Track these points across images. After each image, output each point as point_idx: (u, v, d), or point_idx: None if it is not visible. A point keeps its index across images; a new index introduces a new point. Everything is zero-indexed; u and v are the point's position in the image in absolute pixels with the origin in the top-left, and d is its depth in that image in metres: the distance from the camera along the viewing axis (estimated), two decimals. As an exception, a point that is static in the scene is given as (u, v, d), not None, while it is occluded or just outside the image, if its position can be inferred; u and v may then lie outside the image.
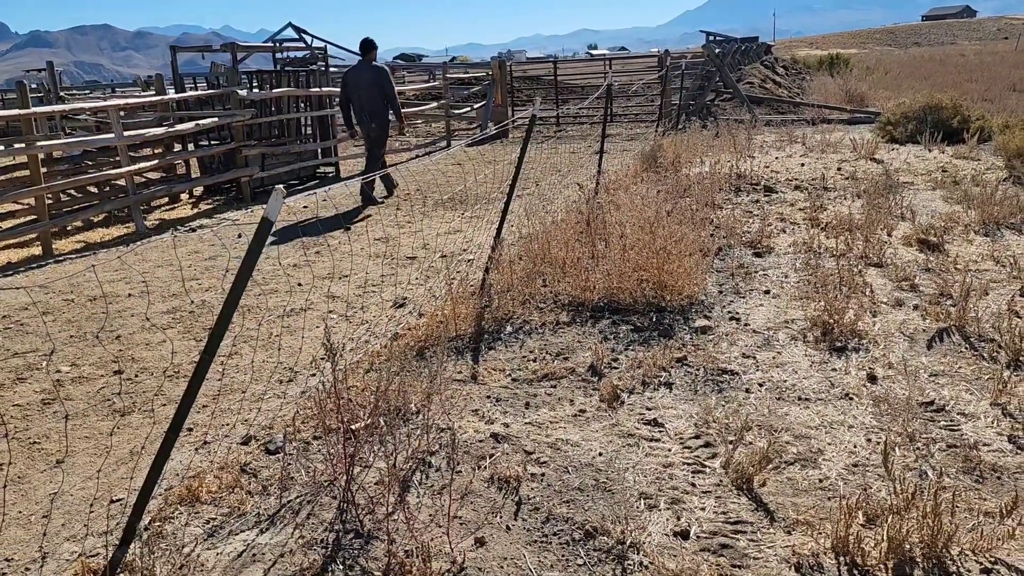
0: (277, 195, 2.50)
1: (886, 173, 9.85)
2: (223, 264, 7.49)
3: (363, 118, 10.27)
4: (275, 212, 2.53)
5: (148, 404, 4.45)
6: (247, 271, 2.61)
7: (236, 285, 2.63)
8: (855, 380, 4.24)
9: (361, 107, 10.21)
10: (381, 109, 10.26)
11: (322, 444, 3.81)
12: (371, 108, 10.19)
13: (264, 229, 2.56)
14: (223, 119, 10.29)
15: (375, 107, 10.20)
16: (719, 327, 5.12)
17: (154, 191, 9.89)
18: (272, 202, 2.51)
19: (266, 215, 2.53)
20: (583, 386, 4.36)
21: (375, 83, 10.13)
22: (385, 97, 10.22)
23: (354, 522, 3.13)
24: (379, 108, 10.24)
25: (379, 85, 10.13)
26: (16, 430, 4.17)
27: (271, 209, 2.51)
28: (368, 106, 10.18)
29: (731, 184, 9.84)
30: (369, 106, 10.18)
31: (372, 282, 6.66)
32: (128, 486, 3.49)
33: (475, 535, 3.01)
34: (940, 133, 12.74)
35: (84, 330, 5.77)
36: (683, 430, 3.78)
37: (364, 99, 10.17)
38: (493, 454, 3.61)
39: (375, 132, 10.34)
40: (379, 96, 10.16)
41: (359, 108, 10.23)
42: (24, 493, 3.52)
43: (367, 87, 10.13)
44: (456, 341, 5.06)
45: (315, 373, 4.80)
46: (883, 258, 6.34)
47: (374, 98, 10.15)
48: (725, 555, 2.83)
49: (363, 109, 10.21)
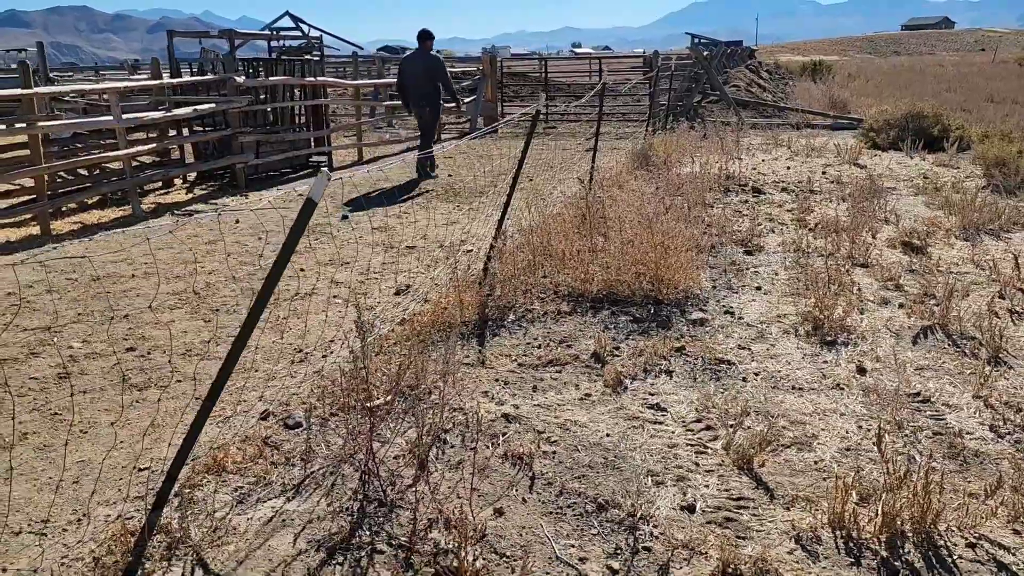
0: (322, 177, 2.65)
1: (870, 178, 10.13)
2: (223, 248, 7.59)
3: (417, 102, 11.28)
4: (319, 194, 2.68)
5: (163, 380, 4.57)
6: (289, 249, 2.75)
7: (279, 262, 2.77)
8: (845, 372, 4.46)
9: (415, 92, 11.23)
10: (432, 94, 11.27)
11: (339, 421, 3.95)
12: (423, 93, 11.19)
13: (308, 210, 2.70)
14: (220, 105, 10.34)
15: (427, 92, 11.19)
16: (715, 320, 5.32)
17: (151, 175, 9.94)
18: (316, 184, 2.65)
19: (310, 196, 2.68)
20: (587, 372, 4.54)
21: (428, 70, 11.15)
22: (436, 84, 11.24)
23: (377, 492, 3.29)
24: (431, 93, 11.23)
25: (431, 73, 11.16)
26: (36, 402, 4.27)
27: (315, 190, 2.66)
28: (421, 91, 11.18)
29: (720, 184, 10.07)
30: (422, 91, 11.18)
31: (374, 270, 6.80)
32: (152, 456, 3.62)
33: (494, 506, 3.18)
34: (921, 141, 13.08)
35: (91, 308, 5.86)
36: (685, 414, 3.97)
37: (418, 85, 11.17)
38: (506, 433, 3.78)
39: (428, 115, 11.37)
40: (431, 82, 11.16)
41: (413, 93, 11.26)
42: (52, 460, 3.64)
43: (421, 74, 11.15)
44: (462, 327, 5.22)
45: (325, 354, 4.94)
46: (869, 259, 6.58)
47: (426, 84, 11.15)
48: (730, 528, 3.02)
49: (417, 94, 11.23)
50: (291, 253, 2.78)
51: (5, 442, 3.80)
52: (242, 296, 6.14)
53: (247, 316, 2.88)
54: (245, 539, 2.99)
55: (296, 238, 2.75)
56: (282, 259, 2.78)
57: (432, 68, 11.24)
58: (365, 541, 2.98)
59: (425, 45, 11.37)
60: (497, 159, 13.09)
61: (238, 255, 7.36)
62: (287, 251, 2.76)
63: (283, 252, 2.76)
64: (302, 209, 2.71)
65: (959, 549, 2.89)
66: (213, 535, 3.01)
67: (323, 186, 2.66)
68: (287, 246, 2.76)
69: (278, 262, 2.78)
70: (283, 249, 2.76)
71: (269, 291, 2.84)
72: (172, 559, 2.86)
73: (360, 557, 2.89)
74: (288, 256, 2.78)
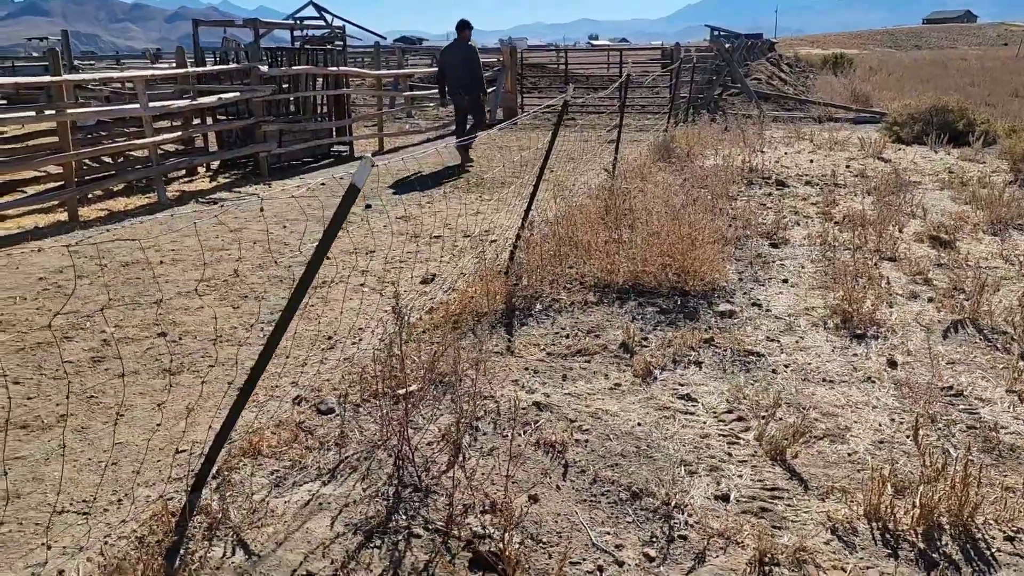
0: (366, 163, 2.66)
1: (895, 172, 10.05)
2: (249, 236, 7.64)
3: (455, 91, 11.65)
4: (363, 179, 2.69)
5: (195, 365, 4.62)
6: (331, 235, 2.77)
7: (321, 248, 2.79)
8: (876, 365, 4.44)
9: (453, 82, 11.60)
10: (470, 83, 11.61)
11: (371, 407, 3.98)
12: (462, 82, 11.54)
13: (351, 195, 2.72)
14: (245, 94, 10.39)
15: (465, 82, 11.53)
16: (742, 312, 5.31)
17: (176, 163, 10.00)
18: (360, 170, 2.67)
19: (353, 182, 2.69)
20: (616, 362, 4.55)
21: (466, 61, 11.52)
22: (475, 73, 11.59)
23: (412, 478, 3.31)
24: (468, 82, 11.59)
25: (469, 63, 11.53)
26: (72, 385, 4.32)
27: (359, 176, 2.67)
28: (459, 80, 11.53)
29: (744, 177, 10.02)
30: (460, 81, 11.53)
31: (399, 259, 6.82)
32: (189, 439, 3.66)
33: (528, 493, 3.20)
34: (946, 135, 12.96)
35: (121, 294, 5.92)
36: (716, 405, 3.97)
37: (456, 75, 11.55)
38: (537, 421, 3.80)
39: (468, 102, 11.75)
40: (468, 72, 11.52)
41: (452, 83, 11.62)
42: (90, 442, 3.69)
43: (459, 64, 11.52)
44: (489, 317, 5.24)
45: (355, 341, 4.97)
46: (896, 253, 6.54)
47: (464, 74, 11.51)
48: (765, 518, 3.03)
49: (455, 83, 11.60)
50: (333, 239, 2.80)
51: (44, 424, 3.86)
52: (269, 283, 6.18)
53: (288, 302, 2.91)
54: (283, 521, 3.03)
55: (339, 223, 2.77)
56: (324, 245, 2.80)
57: (468, 58, 11.57)
58: (402, 525, 3.01)
59: (463, 35, 11.72)
60: (517, 151, 13.09)
61: (264, 243, 7.41)
62: (329, 237, 2.78)
63: (325, 238, 2.79)
64: (345, 195, 2.73)
65: (997, 542, 2.88)
66: (252, 517, 3.04)
67: (367, 172, 2.67)
68: (329, 232, 2.78)
69: (320, 248, 2.80)
70: (325, 235, 2.78)
71: (310, 277, 2.86)
72: (213, 539, 2.90)
73: (397, 541, 2.92)
74: (330, 242, 2.80)
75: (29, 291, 5.95)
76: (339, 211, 2.74)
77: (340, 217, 2.74)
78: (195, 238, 7.60)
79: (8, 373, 4.46)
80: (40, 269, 6.55)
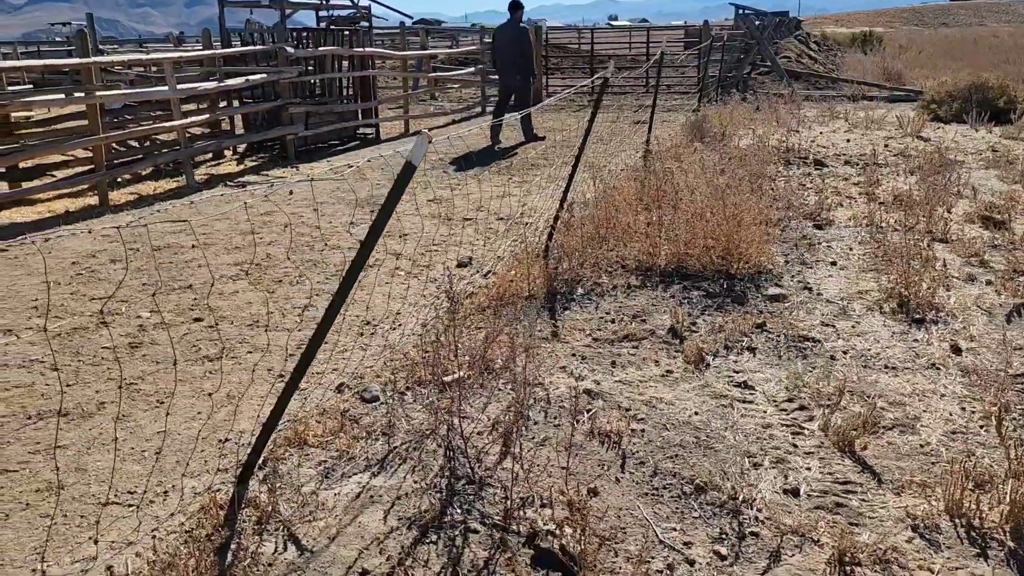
0: (423, 139, 2.52)
1: (938, 151, 9.75)
2: (280, 219, 7.53)
3: (507, 70, 11.78)
4: (419, 157, 2.55)
5: (234, 351, 4.51)
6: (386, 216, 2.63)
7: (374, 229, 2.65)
8: (939, 351, 4.26)
9: (504, 61, 11.75)
10: (521, 62, 11.73)
11: (416, 395, 3.86)
12: (512, 62, 11.65)
13: (407, 173, 2.58)
14: (272, 76, 10.27)
15: (515, 61, 11.65)
16: (793, 296, 5.13)
17: (204, 145, 9.91)
18: (417, 147, 2.52)
19: (409, 160, 2.55)
20: (665, 347, 4.40)
21: (515, 41, 11.67)
22: (525, 52, 11.74)
23: (464, 469, 3.19)
24: (519, 62, 11.70)
25: (519, 43, 11.68)
26: (110, 372, 4.24)
27: (415, 153, 2.53)
28: (510, 60, 11.65)
29: (780, 157, 9.78)
30: (510, 60, 11.65)
31: (433, 242, 6.68)
32: (233, 428, 3.56)
33: (587, 486, 3.06)
34: (987, 113, 12.60)
35: (155, 278, 5.83)
36: (774, 393, 3.81)
37: (507, 54, 11.67)
38: (590, 409, 3.66)
39: (518, 82, 11.77)
40: (518, 52, 11.65)
41: (503, 62, 11.78)
42: (132, 431, 3.59)
43: (509, 43, 11.67)
44: (530, 301, 5.09)
45: (394, 326, 4.85)
46: (948, 234, 6.32)
47: (515, 54, 11.62)
48: (841, 513, 2.88)
49: (506, 63, 11.74)
50: (387, 220, 2.66)
51: (85, 411, 3.77)
52: (304, 267, 6.07)
53: (339, 287, 2.78)
54: (334, 515, 2.92)
55: (394, 203, 2.63)
56: (378, 226, 2.66)
57: (519, 39, 11.74)
58: (457, 519, 2.88)
59: (515, 16, 11.75)
60: (545, 133, 12.89)
61: (296, 226, 7.30)
62: (383, 217, 2.64)
63: (379, 219, 2.65)
64: (401, 172, 2.59)
65: (1090, 541, 2.71)
66: (302, 510, 2.93)
67: (424, 149, 2.53)
68: (383, 212, 2.64)
69: (374, 229, 2.66)
70: (379, 216, 2.64)
71: (363, 260, 2.73)
72: (263, 534, 2.79)
73: (454, 536, 2.80)
74: (384, 224, 2.67)
75: (63, 276, 5.88)
76: (394, 190, 2.60)
77: (395, 197, 2.61)
78: (225, 222, 7.50)
79: (45, 359, 4.38)
80: (72, 253, 6.48)
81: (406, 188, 2.61)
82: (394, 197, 2.62)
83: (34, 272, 5.99)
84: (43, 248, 6.65)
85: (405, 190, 2.63)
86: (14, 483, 3.16)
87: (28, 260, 6.31)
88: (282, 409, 2.97)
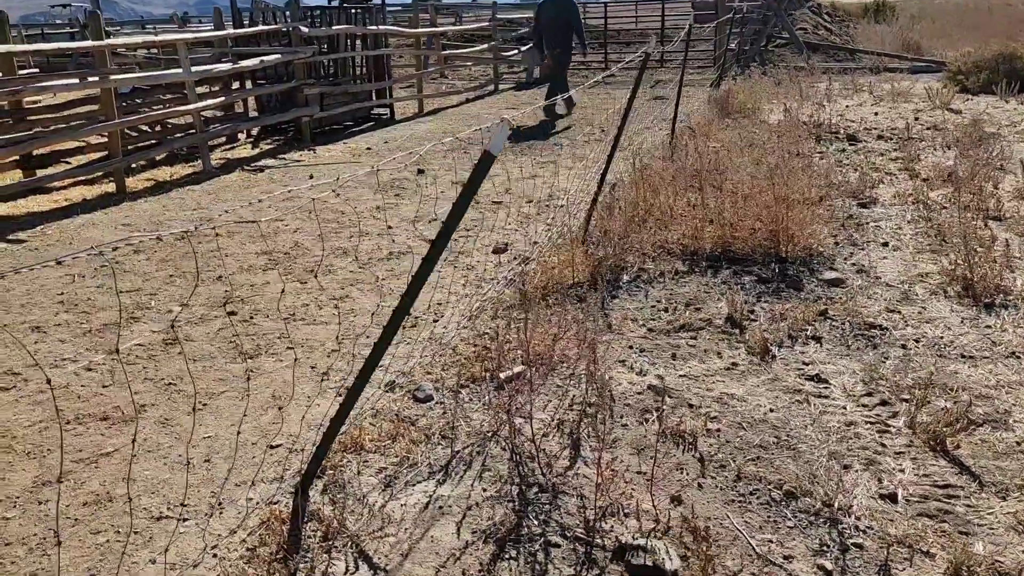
0: (503, 127, 2.30)
1: (974, 123, 9.46)
2: (303, 204, 7.30)
3: (551, 45, 11.83)
4: (499, 146, 2.33)
5: (272, 347, 4.32)
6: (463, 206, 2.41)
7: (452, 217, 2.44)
8: (1016, 338, 4.05)
9: (548, 36, 11.82)
10: (565, 39, 11.82)
11: (472, 392, 3.68)
12: (557, 37, 11.74)
13: (486, 163, 2.37)
14: (287, 56, 10.00)
15: (560, 37, 11.75)
16: (850, 280, 4.92)
17: (220, 129, 9.67)
18: (498, 135, 2.31)
19: (488, 149, 2.34)
20: (725, 338, 4.19)
21: (562, 15, 11.67)
22: (570, 29, 11.80)
23: (534, 476, 3.00)
24: (563, 38, 11.80)
25: (565, 18, 11.71)
26: (146, 371, 4.05)
27: (495, 143, 2.32)
28: (554, 35, 11.74)
29: (811, 132, 9.50)
30: (555, 35, 11.74)
31: (465, 227, 6.46)
32: (281, 431, 3.38)
33: (669, 493, 2.88)
34: (1017, 84, 12.28)
35: (182, 269, 5.64)
36: (851, 387, 3.61)
37: (552, 29, 11.76)
38: (658, 408, 3.46)
39: (558, 56, 11.88)
40: (564, 27, 11.72)
41: (547, 37, 11.84)
42: (177, 436, 3.41)
43: (554, 17, 11.68)
44: (575, 289, 4.89)
45: (436, 318, 4.65)
46: (1002, 211, 6.08)
47: (560, 29, 11.69)
48: (947, 521, 2.68)
49: (550, 38, 11.81)
50: (464, 212, 2.44)
51: (124, 415, 3.59)
52: (333, 256, 5.86)
53: (409, 286, 2.57)
54: (404, 529, 2.73)
55: (471, 195, 2.42)
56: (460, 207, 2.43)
57: (566, 14, 11.74)
58: (535, 532, 2.70)
59: None
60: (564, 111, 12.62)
61: (321, 212, 7.08)
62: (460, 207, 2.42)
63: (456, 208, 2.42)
64: (480, 162, 2.38)
65: None
66: (370, 524, 2.75)
67: (504, 137, 2.31)
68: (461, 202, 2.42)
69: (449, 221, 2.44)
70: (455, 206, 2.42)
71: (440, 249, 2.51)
72: (331, 551, 2.61)
73: (534, 551, 2.61)
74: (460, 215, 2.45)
75: (87, 268, 5.68)
76: (473, 178, 2.38)
77: (475, 185, 2.39)
78: (247, 209, 7.28)
79: (79, 358, 4.20)
80: (95, 244, 6.28)
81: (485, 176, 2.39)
82: (472, 186, 2.40)
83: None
84: (63, 239, 6.46)
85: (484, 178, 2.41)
86: (61, 496, 2.98)
87: (49, 252, 6.11)
88: (345, 415, 2.78)
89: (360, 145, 10.48)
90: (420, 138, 10.82)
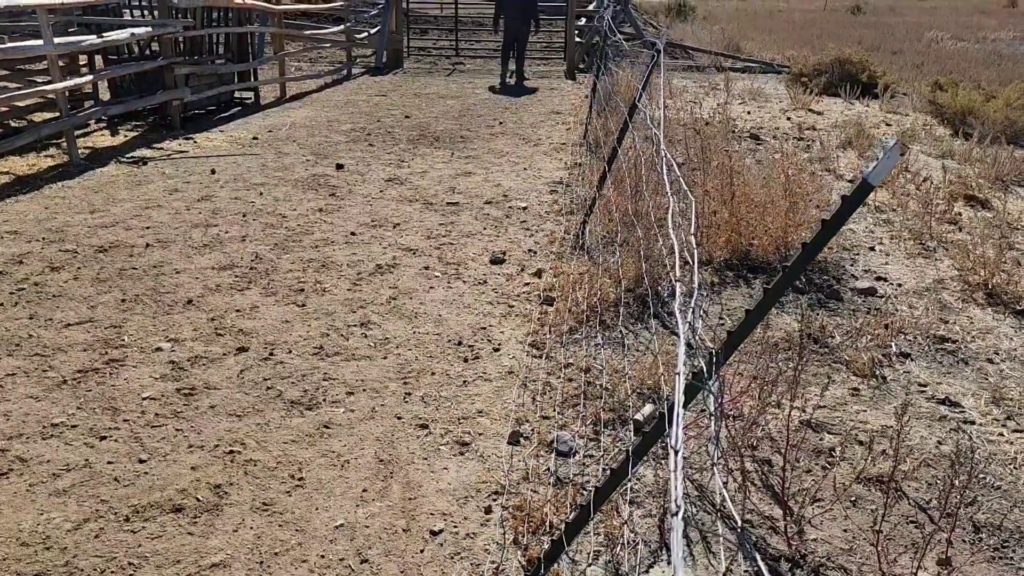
0: (894, 150, 1.89)
1: (858, 123, 10.07)
2: (225, 205, 6.29)
3: (512, 20, 13.26)
4: (884, 172, 1.92)
5: (325, 393, 3.58)
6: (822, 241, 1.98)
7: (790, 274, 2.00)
8: (1075, 348, 4.21)
9: (513, 12, 13.22)
10: (527, 18, 13.39)
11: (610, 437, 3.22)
12: (524, 16, 13.28)
13: (861, 193, 1.96)
14: (156, 29, 8.66)
15: (525, 15, 13.30)
16: (879, 289, 4.93)
17: (88, 113, 8.17)
18: (884, 160, 1.90)
19: (867, 178, 1.92)
20: (818, 358, 4.01)
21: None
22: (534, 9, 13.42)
23: (762, 543, 2.63)
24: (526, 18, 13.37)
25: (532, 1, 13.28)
26: (182, 434, 3.18)
27: (879, 171, 1.91)
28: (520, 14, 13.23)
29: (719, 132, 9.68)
30: (520, 14, 13.23)
31: (438, 233, 5.84)
32: (424, 509, 2.75)
33: (931, 555, 2.62)
34: (858, 87, 13.33)
35: (131, 292, 4.60)
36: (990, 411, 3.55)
37: (517, 9, 13.16)
38: (832, 449, 3.20)
39: (523, 34, 13.59)
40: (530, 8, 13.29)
41: (514, 14, 13.22)
42: (296, 527, 2.66)
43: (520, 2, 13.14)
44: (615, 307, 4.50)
45: (493, 346, 4.09)
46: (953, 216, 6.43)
47: (526, 9, 13.22)
48: None
49: (518, 16, 13.24)
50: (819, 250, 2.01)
51: (200, 503, 2.76)
52: (311, 270, 5.05)
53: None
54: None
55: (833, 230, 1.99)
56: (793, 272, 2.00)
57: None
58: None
59: None
60: (438, 99, 12.08)
61: (254, 215, 6.12)
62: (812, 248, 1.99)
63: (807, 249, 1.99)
64: (855, 191, 1.96)
65: None
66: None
67: (893, 162, 1.91)
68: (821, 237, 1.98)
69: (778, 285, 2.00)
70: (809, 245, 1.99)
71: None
72: None
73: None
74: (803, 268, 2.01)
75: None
76: (842, 212, 1.96)
77: (841, 220, 1.97)
78: (160, 211, 6.16)
79: (81, 422, 3.23)
80: (-13, 260, 5.00)
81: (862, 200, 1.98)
82: (839, 221, 1.98)
83: (-47, 289, 4.53)
84: (-61, 253, 5.09)
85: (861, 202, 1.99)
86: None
87: (-70, 272, 4.78)
88: (607, 495, 2.25)
89: (242, 134, 9.32)
90: (305, 126, 9.82)
